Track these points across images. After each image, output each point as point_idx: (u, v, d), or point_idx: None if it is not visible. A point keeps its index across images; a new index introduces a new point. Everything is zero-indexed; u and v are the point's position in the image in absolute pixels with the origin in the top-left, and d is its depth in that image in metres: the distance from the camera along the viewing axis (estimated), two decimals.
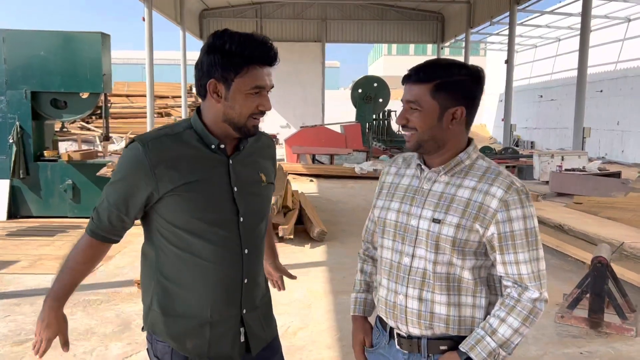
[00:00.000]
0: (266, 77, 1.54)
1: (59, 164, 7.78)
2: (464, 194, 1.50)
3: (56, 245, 6.38)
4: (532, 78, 29.65)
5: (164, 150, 1.52)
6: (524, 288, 1.49)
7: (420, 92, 1.48)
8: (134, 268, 5.51)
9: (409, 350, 1.59)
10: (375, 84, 21.54)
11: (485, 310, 1.54)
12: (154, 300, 1.63)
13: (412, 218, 1.55)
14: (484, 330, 1.49)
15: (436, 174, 1.56)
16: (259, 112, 1.56)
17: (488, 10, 22.39)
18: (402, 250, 1.57)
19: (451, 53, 36.32)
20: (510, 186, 1.47)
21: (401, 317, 1.57)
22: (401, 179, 1.65)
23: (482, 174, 1.52)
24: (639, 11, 20.49)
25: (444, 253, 1.50)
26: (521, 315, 1.47)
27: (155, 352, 1.66)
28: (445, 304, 1.52)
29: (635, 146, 19.20)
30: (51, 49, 7.65)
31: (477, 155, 1.57)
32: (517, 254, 1.47)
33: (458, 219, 1.48)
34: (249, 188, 1.64)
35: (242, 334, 1.66)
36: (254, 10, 28.80)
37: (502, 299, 1.51)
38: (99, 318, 4.26)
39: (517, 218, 1.46)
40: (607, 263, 4.13)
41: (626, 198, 8.05)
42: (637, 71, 19.41)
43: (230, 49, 1.49)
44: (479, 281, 1.54)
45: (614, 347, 3.89)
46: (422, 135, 1.51)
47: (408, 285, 1.55)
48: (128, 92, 20.76)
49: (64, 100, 7.79)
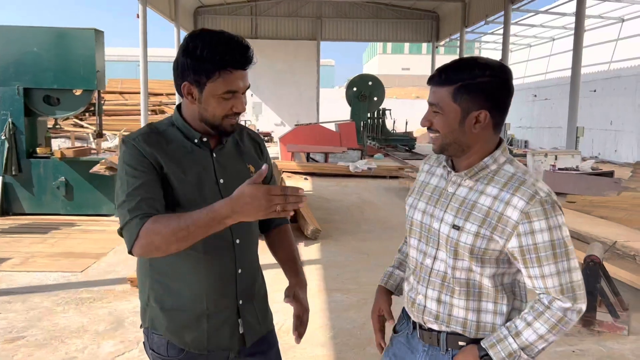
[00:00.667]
0: (239, 80, 1.54)
1: (51, 161, 7.74)
2: (486, 201, 1.45)
3: (48, 243, 6.34)
4: (526, 77, 29.76)
5: (153, 144, 1.55)
6: (552, 299, 1.42)
7: (442, 95, 1.45)
8: (127, 266, 5.48)
9: (429, 342, 1.60)
10: (370, 83, 21.56)
11: (506, 317, 1.50)
12: (150, 296, 1.65)
13: (434, 220, 1.54)
14: (508, 330, 1.45)
15: (461, 178, 1.52)
16: (234, 113, 1.57)
17: (483, 9, 22.43)
18: (426, 251, 1.58)
19: (446, 52, 36.39)
20: (533, 197, 1.39)
21: (419, 316, 1.60)
22: (431, 177, 1.64)
23: (506, 181, 1.45)
24: (632, 11, 20.59)
25: (462, 259, 1.48)
26: (549, 322, 1.41)
27: (152, 345, 1.67)
28: (464, 308, 1.51)
29: (628, 146, 19.30)
30: (44, 45, 7.60)
31: (505, 159, 1.50)
32: (542, 267, 1.40)
33: (477, 227, 1.44)
34: (236, 181, 1.58)
35: (241, 326, 1.67)
36: (248, 7, 28.73)
37: (532, 303, 1.46)
38: (92, 316, 4.24)
39: (540, 230, 1.39)
40: (600, 262, 4.15)
41: (619, 197, 8.09)
42: (630, 71, 19.49)
43: (201, 55, 1.48)
44: (500, 288, 1.50)
45: (606, 345, 3.90)
46: (445, 138, 1.48)
47: (428, 287, 1.57)
48: (122, 89, 20.66)
49: (56, 97, 7.74)
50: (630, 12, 20.77)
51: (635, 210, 7.07)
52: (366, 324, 4.15)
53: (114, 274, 5.30)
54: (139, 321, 4.18)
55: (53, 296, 4.65)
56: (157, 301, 1.64)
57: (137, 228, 1.42)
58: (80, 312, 4.30)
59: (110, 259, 5.80)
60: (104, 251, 6.03)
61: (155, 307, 1.64)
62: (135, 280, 4.85)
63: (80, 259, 5.72)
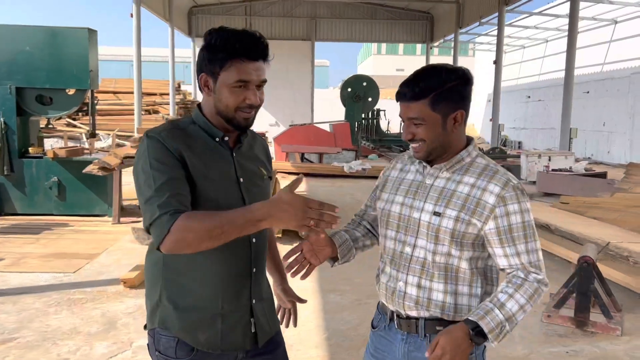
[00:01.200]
0: (252, 71, 1.56)
1: (44, 161, 7.68)
2: (464, 189, 1.60)
3: (41, 244, 6.30)
4: (520, 79, 29.85)
5: (177, 139, 1.56)
6: (527, 273, 1.58)
7: (420, 108, 1.56)
8: (120, 266, 5.45)
9: (407, 330, 1.68)
10: (364, 83, 21.55)
11: (480, 299, 1.63)
12: (163, 295, 1.63)
13: (414, 211, 1.65)
14: (492, 303, 1.55)
15: (438, 170, 1.65)
16: (247, 105, 1.58)
17: (477, 10, 22.49)
18: (405, 241, 1.67)
19: (440, 53, 36.49)
20: (507, 183, 1.57)
21: (399, 302, 1.67)
22: (406, 174, 1.75)
23: (481, 171, 1.61)
24: (625, 13, 20.70)
25: (442, 244, 1.60)
26: (527, 293, 1.55)
27: (158, 346, 1.64)
28: (443, 291, 1.62)
29: (620, 147, 19.40)
30: (37, 44, 7.55)
31: (477, 154, 1.67)
32: (516, 245, 1.56)
33: (457, 212, 1.58)
34: (252, 180, 1.69)
35: (253, 325, 1.68)
36: (243, 7, 28.70)
37: (508, 278, 1.59)
38: (84, 317, 4.20)
39: (514, 212, 1.55)
40: (593, 263, 4.16)
41: (612, 198, 8.12)
42: (623, 73, 19.60)
43: (215, 44, 1.54)
44: (475, 271, 1.63)
45: (600, 346, 3.91)
46: (431, 144, 1.60)
47: (408, 273, 1.66)
48: (115, 89, 20.56)
49: (49, 97, 7.69)
50: (623, 14, 20.87)
51: (629, 212, 7.10)
52: (360, 325, 4.14)
53: (106, 274, 5.27)
54: (132, 322, 4.18)
55: (45, 297, 4.61)
56: (171, 300, 1.62)
57: (168, 224, 1.40)
58: (73, 314, 4.27)
59: (103, 259, 5.76)
60: (97, 252, 5.99)
61: (167, 306, 1.62)
62: (128, 280, 4.83)
63: (72, 259, 5.68)
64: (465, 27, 24.90)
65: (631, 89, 18.89)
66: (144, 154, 1.51)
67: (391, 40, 31.77)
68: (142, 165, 1.51)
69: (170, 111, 21.56)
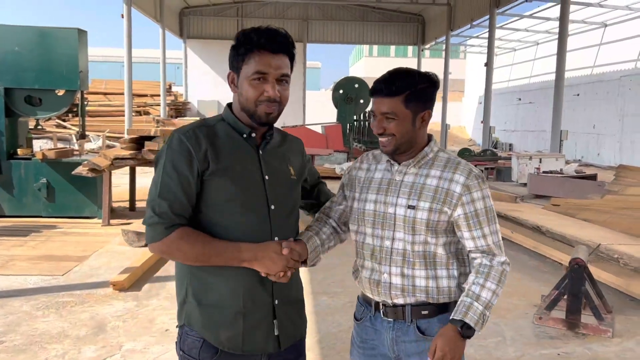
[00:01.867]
0: (269, 63, 1.59)
1: (32, 162, 7.60)
2: (432, 182, 1.73)
3: (29, 246, 6.22)
4: (511, 81, 30.03)
5: (202, 138, 1.60)
6: (492, 257, 1.73)
7: (394, 104, 1.69)
8: (109, 269, 5.40)
9: (394, 317, 1.79)
10: (356, 85, 21.56)
11: (457, 279, 1.77)
12: (188, 292, 1.66)
13: (388, 207, 1.76)
14: (469, 297, 1.69)
15: (406, 167, 1.77)
16: (265, 99, 1.60)
17: (468, 13, 22.60)
18: (383, 235, 1.77)
19: (431, 55, 36.60)
20: (470, 173, 1.72)
21: (386, 293, 1.77)
22: (374, 173, 1.84)
23: (445, 164, 1.75)
24: (615, 17, 20.89)
25: (419, 234, 1.72)
26: (496, 278, 1.71)
27: (182, 345, 1.67)
28: (425, 277, 1.75)
29: (610, 149, 19.56)
30: (26, 45, 7.48)
31: (438, 149, 1.81)
32: (482, 228, 1.72)
33: (429, 204, 1.71)
34: (278, 178, 1.70)
35: (276, 327, 1.67)
36: (235, 9, 28.66)
37: (476, 268, 1.74)
38: (73, 320, 4.15)
39: (478, 199, 1.71)
40: (585, 265, 4.16)
41: (602, 200, 8.16)
42: (612, 75, 19.77)
43: (238, 41, 1.62)
44: (450, 255, 1.77)
45: (591, 348, 3.92)
46: (400, 139, 1.72)
47: (391, 265, 1.76)
48: (106, 90, 20.46)
49: (38, 97, 7.62)
50: (613, 18, 21.07)
51: (619, 213, 7.13)
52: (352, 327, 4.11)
53: (96, 277, 5.21)
54: (121, 325, 4.14)
55: (33, 300, 4.55)
56: (195, 297, 1.64)
57: (161, 235, 1.55)
58: (61, 317, 4.21)
59: (92, 262, 5.70)
60: (86, 254, 5.93)
61: (192, 303, 1.65)
62: (117, 283, 4.79)
63: (61, 262, 5.62)
64: (456, 30, 25.03)
65: (620, 91, 19.06)
66: (164, 152, 1.60)
67: (383, 42, 31.83)
68: (161, 162, 1.60)
69: (161, 112, 21.46)
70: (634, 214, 6.96)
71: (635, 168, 9.63)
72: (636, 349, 3.92)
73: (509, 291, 5.08)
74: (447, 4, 24.59)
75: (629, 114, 18.56)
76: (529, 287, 5.23)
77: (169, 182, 1.56)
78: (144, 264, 5.33)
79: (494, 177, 14.04)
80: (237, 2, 28.03)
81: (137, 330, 3.98)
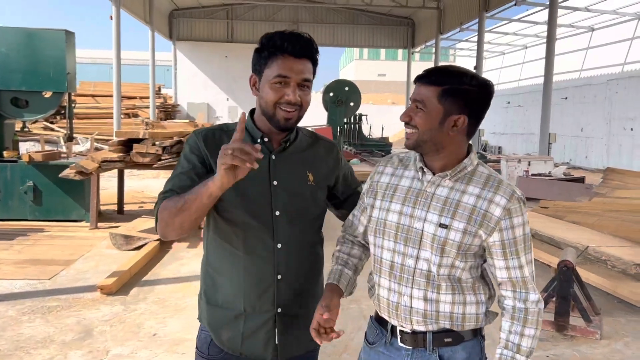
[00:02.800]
0: (292, 67, 1.58)
1: (19, 165, 7.51)
2: (469, 200, 1.53)
3: (15, 250, 6.14)
4: (500, 84, 30.21)
5: (215, 140, 1.64)
6: (525, 294, 1.56)
7: (429, 93, 1.52)
8: (97, 272, 5.34)
9: (413, 345, 1.60)
10: (346, 88, 21.55)
11: (485, 305, 1.60)
12: (202, 289, 1.73)
13: (415, 221, 1.56)
14: (508, 349, 1.55)
15: (440, 178, 1.57)
16: (286, 102, 1.59)
17: (457, 16, 22.72)
18: (405, 252, 1.57)
19: (421, 59, 36.74)
20: (512, 195, 1.52)
21: (405, 317, 1.59)
22: (400, 180, 1.64)
23: (485, 181, 1.55)
24: (602, 21, 21.10)
25: (448, 256, 1.53)
26: (534, 322, 1.55)
27: (197, 341, 1.75)
28: (450, 302, 1.56)
29: (598, 152, 19.73)
30: (12, 46, 7.41)
31: (478, 162, 1.62)
32: (519, 258, 1.54)
33: (464, 224, 1.51)
34: (290, 184, 1.66)
35: (277, 336, 1.66)
36: (224, 11, 28.58)
37: (511, 313, 1.57)
38: (59, 325, 4.09)
39: (518, 225, 1.52)
40: (573, 267, 4.18)
41: (590, 203, 8.22)
42: (600, 79, 19.95)
43: (261, 45, 1.61)
44: (477, 279, 1.60)
45: (579, 350, 3.93)
46: (422, 135, 1.53)
47: (413, 287, 1.57)
48: (95, 92, 20.31)
49: (25, 99, 7.55)
50: (600, 22, 21.28)
51: (606, 216, 7.19)
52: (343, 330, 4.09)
53: (83, 281, 5.15)
54: (108, 330, 4.10)
55: (19, 305, 4.48)
56: (206, 295, 1.71)
57: (156, 209, 1.57)
58: (47, 322, 4.16)
59: (79, 265, 5.64)
60: (73, 258, 5.86)
61: (203, 300, 1.72)
62: (105, 287, 4.74)
63: (48, 266, 5.55)
64: (446, 33, 25.14)
65: (608, 95, 19.24)
66: (184, 149, 1.68)
67: (373, 46, 31.91)
68: (181, 157, 1.67)
69: (150, 114, 21.34)
70: (622, 216, 7.02)
71: (623, 171, 9.73)
72: (624, 350, 3.94)
73: None
74: (436, 8, 24.71)
75: (616, 117, 18.75)
76: None
77: (178, 169, 1.63)
78: (132, 268, 5.28)
79: None
80: (226, 4, 27.95)
81: (125, 335, 3.94)
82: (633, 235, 6.28)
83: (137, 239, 6.27)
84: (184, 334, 3.95)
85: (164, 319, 4.26)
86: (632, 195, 8.18)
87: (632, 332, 4.28)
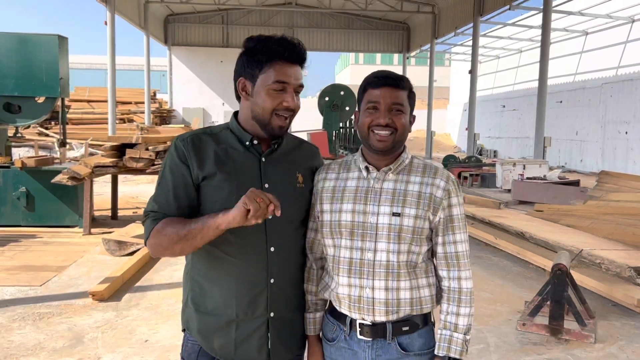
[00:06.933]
0: (290, 73, 1.59)
1: (11, 171, 7.47)
2: (414, 188, 1.67)
3: (7, 256, 6.09)
4: (495, 88, 30.30)
5: (200, 145, 1.61)
6: (458, 271, 1.69)
7: (403, 97, 1.65)
8: (89, 279, 5.30)
9: (373, 336, 1.67)
10: (342, 93, 21.56)
11: (435, 286, 1.73)
12: (189, 296, 1.69)
13: (369, 216, 1.65)
14: (447, 329, 1.68)
15: (384, 173, 1.69)
16: (284, 108, 1.59)
17: (452, 21, 22.81)
18: (363, 247, 1.65)
19: (417, 63, 36.86)
20: (449, 177, 1.70)
21: (368, 309, 1.65)
22: (345, 182, 1.72)
23: (423, 170, 1.70)
24: (595, 25, 21.19)
25: (404, 242, 1.64)
26: (467, 301, 1.69)
27: (182, 351, 1.70)
28: (409, 288, 1.66)
29: (593, 155, 19.78)
30: (5, 51, 7.39)
31: (411, 154, 1.77)
32: (454, 234, 1.69)
33: (415, 210, 1.64)
34: (281, 187, 1.64)
35: (270, 341, 1.65)
36: (220, 16, 28.62)
37: (446, 295, 1.70)
38: (50, 332, 4.05)
39: (456, 204, 1.69)
40: (567, 270, 4.17)
41: (585, 206, 8.23)
42: (594, 83, 20.03)
43: (254, 48, 1.59)
44: (428, 262, 1.72)
45: (574, 353, 3.91)
46: (400, 135, 1.65)
47: (374, 279, 1.64)
48: (89, 98, 20.24)
49: (18, 105, 7.52)
50: (594, 26, 21.38)
51: (601, 219, 7.19)
52: None
53: (75, 287, 5.11)
54: (100, 337, 4.06)
55: (9, 311, 4.44)
56: (193, 302, 1.66)
57: (150, 227, 1.55)
58: (38, 328, 4.12)
59: (72, 272, 5.59)
60: (66, 264, 5.82)
61: (191, 308, 1.67)
62: (97, 293, 4.70)
63: (40, 272, 5.51)
64: (441, 38, 25.24)
65: (602, 98, 19.31)
66: (167, 157, 1.64)
67: (368, 50, 31.98)
68: (165, 165, 1.64)
69: (146, 120, 21.31)
70: (616, 220, 7.02)
71: (617, 174, 9.74)
72: (618, 354, 3.92)
73: (493, 298, 5.07)
74: (431, 12, 24.80)
75: (611, 120, 18.81)
76: (512, 294, 5.23)
77: (163, 184, 1.60)
78: (124, 274, 5.24)
79: (478, 183, 14.12)
80: (222, 9, 27.98)
81: (116, 342, 3.90)
82: (627, 239, 6.27)
83: (130, 245, 6.23)
84: (175, 340, 3.91)
85: (155, 325, 4.23)
86: (627, 198, 8.19)
87: (626, 335, 4.27)
